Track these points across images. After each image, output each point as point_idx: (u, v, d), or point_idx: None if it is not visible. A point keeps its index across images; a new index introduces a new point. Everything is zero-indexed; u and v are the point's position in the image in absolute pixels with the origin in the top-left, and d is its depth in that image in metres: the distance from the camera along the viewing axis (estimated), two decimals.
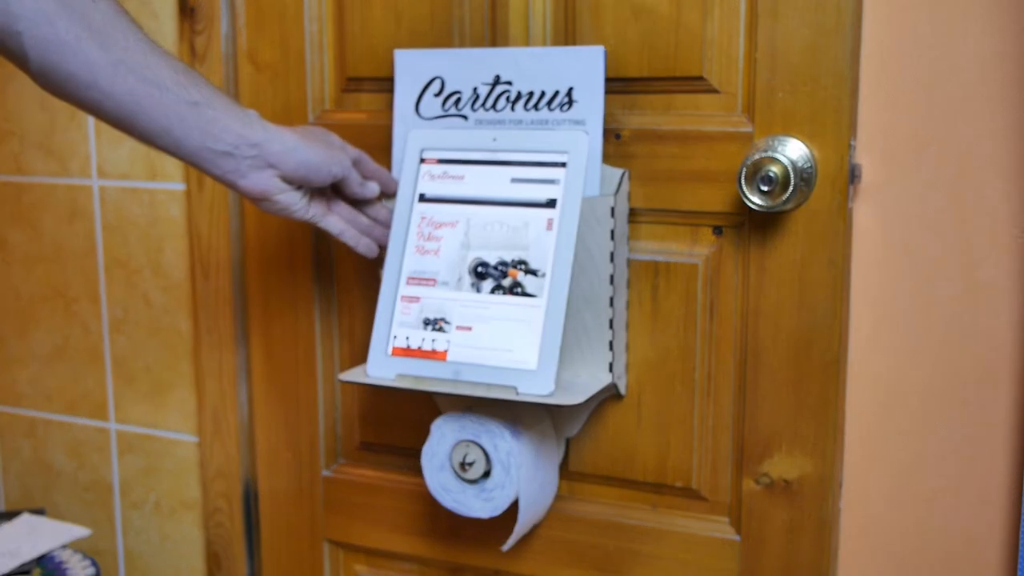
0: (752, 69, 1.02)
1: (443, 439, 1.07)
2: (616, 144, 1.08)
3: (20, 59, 0.85)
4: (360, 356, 1.26)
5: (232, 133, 0.92)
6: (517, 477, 1.04)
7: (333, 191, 1.07)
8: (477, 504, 1.07)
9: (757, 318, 1.05)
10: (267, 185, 0.96)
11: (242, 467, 1.38)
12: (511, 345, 1.02)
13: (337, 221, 1.07)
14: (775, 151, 0.98)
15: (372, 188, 1.08)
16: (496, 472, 1.05)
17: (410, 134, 1.11)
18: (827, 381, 1.03)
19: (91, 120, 1.41)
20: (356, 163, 1.07)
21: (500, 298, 1.04)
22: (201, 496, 1.43)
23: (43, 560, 1.33)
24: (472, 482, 1.06)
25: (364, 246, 1.10)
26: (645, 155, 1.07)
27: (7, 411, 1.58)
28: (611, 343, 1.06)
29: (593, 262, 1.05)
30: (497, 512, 1.06)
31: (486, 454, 1.05)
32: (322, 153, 0.99)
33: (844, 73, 0.98)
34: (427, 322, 1.06)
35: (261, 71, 1.26)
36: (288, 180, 0.98)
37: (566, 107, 1.05)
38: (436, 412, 1.20)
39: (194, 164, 0.93)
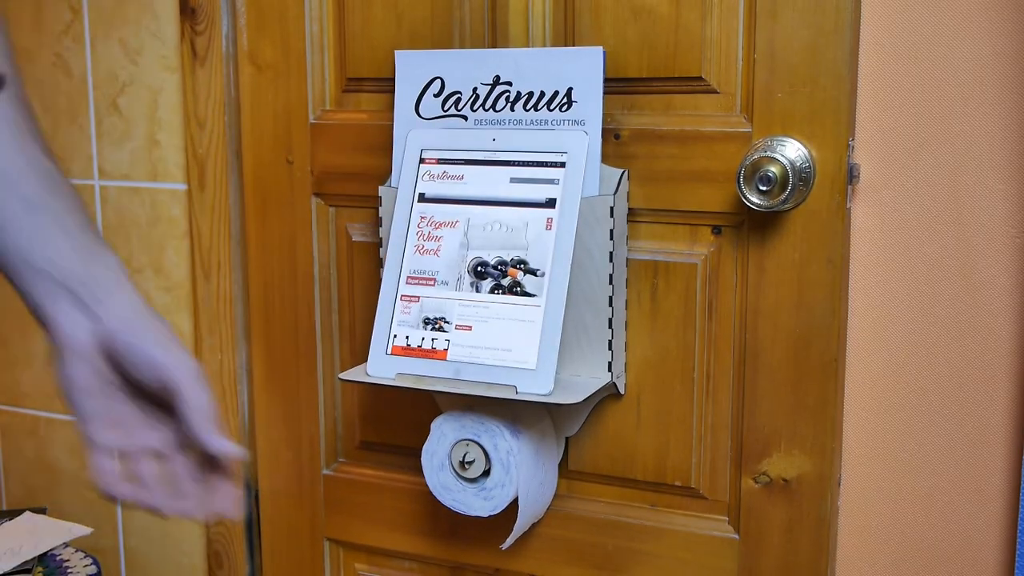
0: (751, 69, 1.02)
1: (443, 438, 1.07)
2: (615, 144, 1.08)
3: None
4: (360, 355, 1.26)
5: (60, 255, 0.71)
6: (516, 476, 1.05)
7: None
8: (477, 503, 1.07)
9: (756, 317, 1.05)
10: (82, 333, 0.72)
11: (243, 466, 1.38)
12: (510, 344, 1.02)
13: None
14: (774, 151, 0.98)
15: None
16: (496, 471, 1.05)
17: (410, 134, 1.12)
18: (826, 380, 1.04)
19: (92, 121, 1.42)
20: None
21: (500, 298, 1.04)
22: None
23: (45, 558, 1.33)
24: (472, 481, 1.07)
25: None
26: (644, 155, 1.07)
27: (10, 410, 1.58)
28: (610, 342, 1.07)
29: (592, 262, 1.05)
30: (497, 511, 1.06)
31: (486, 453, 1.05)
32: (166, 341, 0.74)
33: (843, 74, 0.98)
34: (427, 321, 1.06)
35: (262, 71, 1.26)
36: (105, 343, 0.73)
37: (565, 107, 1.06)
38: (436, 411, 1.20)
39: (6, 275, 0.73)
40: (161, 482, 0.74)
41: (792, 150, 0.99)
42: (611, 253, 1.05)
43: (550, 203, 1.04)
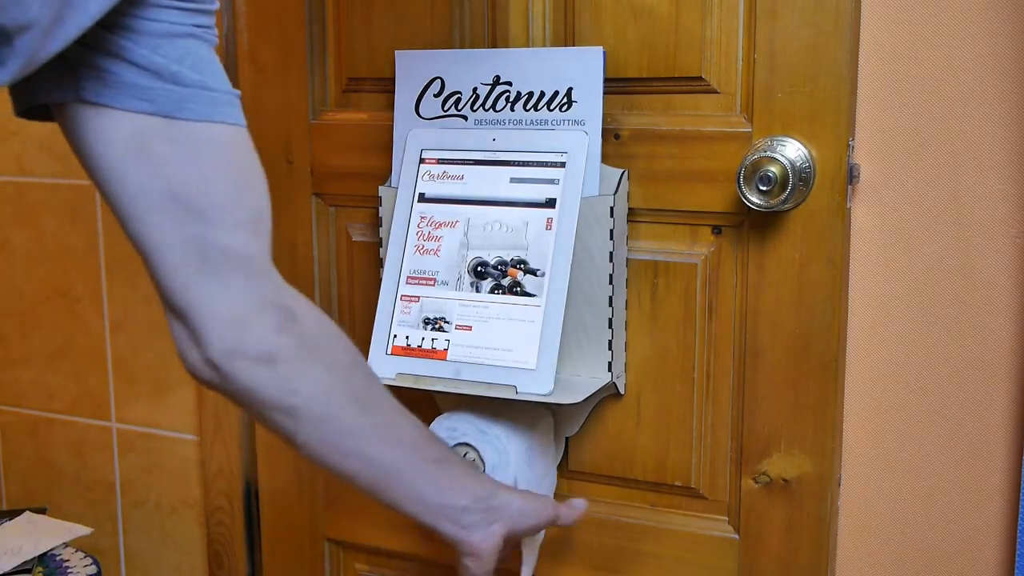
0: (751, 69, 1.02)
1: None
2: (615, 144, 1.08)
3: (288, 433, 0.83)
4: None
5: (470, 490, 0.90)
6: (515, 477, 1.05)
7: None
8: None
9: (756, 317, 1.05)
10: (493, 540, 0.91)
11: (243, 466, 1.38)
12: (511, 344, 1.02)
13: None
14: (774, 151, 0.98)
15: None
16: (495, 472, 1.05)
17: (410, 134, 1.12)
18: (825, 380, 1.04)
19: None
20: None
21: (500, 298, 1.04)
22: (202, 495, 1.44)
23: (44, 558, 1.33)
24: None
25: None
26: (644, 155, 1.07)
27: (9, 410, 1.58)
28: (610, 342, 1.07)
29: (592, 262, 1.05)
30: None
31: (484, 454, 1.05)
32: (540, 509, 0.96)
33: (843, 74, 0.98)
34: (427, 321, 1.06)
35: (262, 71, 1.26)
36: (508, 537, 0.93)
37: (565, 107, 1.06)
38: (436, 411, 1.20)
39: (428, 520, 0.89)
40: None
41: (792, 150, 0.99)
42: (611, 253, 1.05)
43: (550, 203, 1.04)
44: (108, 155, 0.74)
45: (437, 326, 1.06)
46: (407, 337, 1.07)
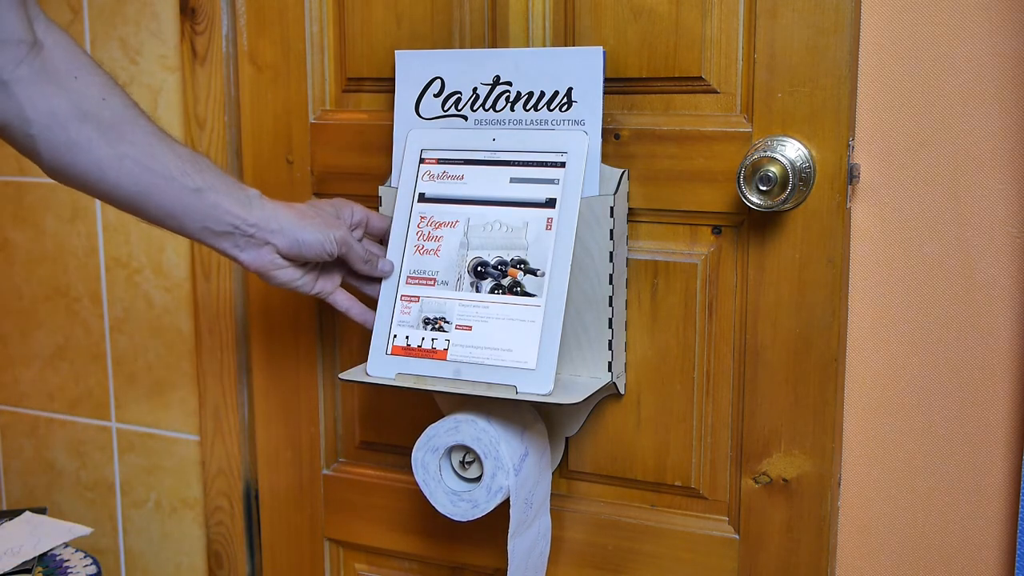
0: (751, 69, 1.02)
1: (437, 440, 1.07)
2: (615, 144, 1.08)
3: (34, 157, 0.90)
4: (360, 355, 1.26)
5: (231, 215, 0.98)
6: (514, 478, 1.05)
7: (340, 266, 1.09)
8: (468, 508, 1.06)
9: (756, 317, 1.05)
10: (264, 261, 1.01)
11: (243, 466, 1.38)
12: (511, 344, 1.02)
13: (343, 299, 1.10)
14: (774, 151, 0.98)
15: (376, 267, 1.09)
16: (494, 474, 1.05)
17: (410, 134, 1.12)
18: (826, 380, 1.04)
19: None
20: (357, 226, 1.09)
21: (500, 298, 1.04)
22: (202, 495, 1.44)
23: (44, 558, 1.33)
24: (467, 482, 1.07)
25: (372, 323, 1.10)
26: (644, 155, 1.07)
27: (9, 410, 1.58)
28: (610, 342, 1.07)
29: (592, 262, 1.05)
30: (485, 512, 1.05)
31: (483, 455, 1.05)
32: (317, 232, 1.02)
33: (843, 73, 0.98)
34: (427, 321, 1.06)
35: (262, 71, 1.27)
36: (286, 257, 1.02)
37: (565, 107, 1.06)
38: (436, 411, 1.20)
39: (198, 241, 1.00)
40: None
41: (792, 150, 0.99)
42: (611, 253, 1.05)
43: (550, 203, 1.04)
44: None
45: (437, 326, 1.06)
46: (407, 337, 1.07)
